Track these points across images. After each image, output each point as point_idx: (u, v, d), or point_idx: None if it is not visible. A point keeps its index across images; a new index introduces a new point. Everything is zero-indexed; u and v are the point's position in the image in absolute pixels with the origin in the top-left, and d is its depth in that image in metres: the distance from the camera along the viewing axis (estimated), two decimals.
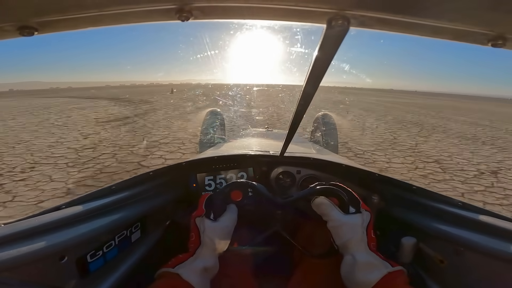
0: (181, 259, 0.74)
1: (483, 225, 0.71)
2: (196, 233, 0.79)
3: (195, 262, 0.73)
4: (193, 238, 0.79)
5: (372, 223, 0.78)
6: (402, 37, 1.82)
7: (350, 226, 0.76)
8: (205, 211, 0.81)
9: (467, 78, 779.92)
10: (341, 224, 0.76)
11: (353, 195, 0.81)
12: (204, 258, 0.75)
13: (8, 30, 0.41)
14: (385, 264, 0.69)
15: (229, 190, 0.88)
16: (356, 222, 0.76)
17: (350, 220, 0.77)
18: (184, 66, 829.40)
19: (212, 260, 0.76)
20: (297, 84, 0.78)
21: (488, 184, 4.64)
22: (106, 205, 0.79)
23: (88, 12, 0.40)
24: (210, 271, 0.75)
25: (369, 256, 0.72)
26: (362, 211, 0.79)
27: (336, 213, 0.78)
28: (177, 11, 0.40)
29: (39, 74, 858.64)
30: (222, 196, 0.86)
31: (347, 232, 0.75)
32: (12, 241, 0.55)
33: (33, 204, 3.44)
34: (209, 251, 0.76)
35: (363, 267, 0.69)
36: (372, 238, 0.76)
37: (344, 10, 0.38)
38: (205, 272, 0.73)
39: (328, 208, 0.79)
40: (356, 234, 0.74)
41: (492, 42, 0.43)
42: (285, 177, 1.31)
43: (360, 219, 0.77)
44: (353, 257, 0.72)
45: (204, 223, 0.78)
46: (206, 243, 0.76)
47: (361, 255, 0.72)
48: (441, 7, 0.37)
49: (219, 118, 3.67)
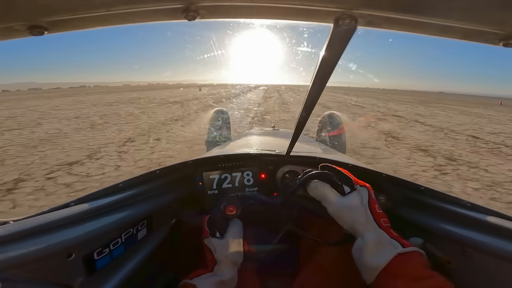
0: (200, 273, 0.78)
1: (491, 226, 0.69)
2: (209, 253, 0.82)
3: (213, 276, 0.77)
4: (209, 258, 0.81)
5: (373, 198, 0.73)
6: (411, 36, 1.79)
7: (349, 208, 0.71)
8: (209, 232, 0.83)
9: (478, 78, 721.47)
10: (340, 207, 0.73)
11: (343, 174, 0.78)
12: (222, 273, 0.78)
13: (19, 30, 0.42)
14: (394, 244, 0.64)
15: (223, 207, 0.89)
16: (353, 202, 0.71)
17: (347, 201, 0.72)
18: (191, 65, 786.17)
19: (230, 274, 0.79)
20: (303, 84, 0.79)
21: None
22: (113, 203, 0.79)
23: (96, 11, 0.40)
24: (228, 284, 0.79)
25: (379, 235, 0.66)
26: (357, 188, 0.74)
27: (333, 195, 0.75)
28: (184, 11, 0.41)
29: (35, 74, 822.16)
30: (219, 214, 0.88)
31: (348, 214, 0.71)
32: (20, 238, 0.55)
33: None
34: (226, 266, 0.79)
35: (370, 248, 0.65)
36: (379, 213, 0.70)
37: (351, 9, 0.38)
38: (222, 285, 0.77)
39: (324, 189, 0.76)
40: (359, 213, 0.70)
41: (503, 42, 0.42)
42: (291, 176, 1.30)
43: (358, 197, 0.72)
44: (362, 239, 0.68)
45: (212, 243, 0.81)
46: (221, 260, 0.79)
47: (370, 236, 0.67)
48: (450, 6, 0.36)
49: (225, 117, 3.68)
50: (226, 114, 3.78)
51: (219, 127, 3.52)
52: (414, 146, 7.09)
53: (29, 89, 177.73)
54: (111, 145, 6.51)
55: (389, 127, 10.13)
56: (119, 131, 8.28)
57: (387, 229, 0.69)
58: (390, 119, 12.91)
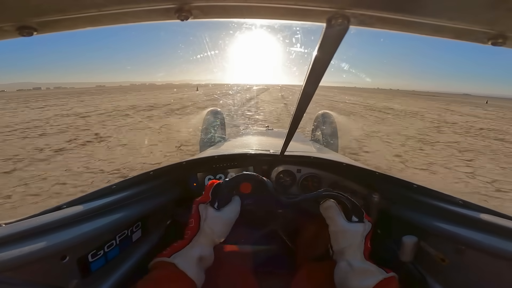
0: (177, 248, 0.72)
1: (484, 223, 0.71)
2: (196, 220, 0.77)
3: (192, 250, 0.72)
4: (192, 225, 0.77)
5: (371, 234, 0.80)
6: (403, 36, 1.80)
7: (351, 233, 0.78)
8: (210, 199, 0.79)
9: (467, 77, 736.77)
10: (343, 230, 0.78)
11: (358, 206, 0.83)
12: (201, 246, 0.73)
13: (8, 30, 0.41)
14: (380, 271, 0.71)
15: (240, 180, 0.85)
16: (357, 230, 0.78)
17: (353, 228, 0.78)
18: (184, 65, 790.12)
19: (208, 249, 0.75)
20: (297, 84, 0.79)
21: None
22: (107, 204, 0.78)
23: (87, 12, 0.40)
24: (206, 260, 0.74)
25: (364, 264, 0.74)
26: (365, 221, 0.80)
27: (341, 219, 0.80)
28: (177, 11, 0.40)
29: (32, 75, 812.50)
30: (232, 185, 0.83)
31: (347, 238, 0.77)
32: (13, 241, 0.54)
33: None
34: (206, 240, 0.75)
35: (358, 273, 0.71)
36: (367, 247, 0.78)
37: (344, 9, 0.38)
38: (201, 262, 0.72)
39: (335, 212, 0.81)
40: (355, 241, 0.77)
41: (492, 41, 0.42)
42: (285, 176, 1.31)
43: (362, 228, 0.79)
44: (348, 264, 0.74)
45: (207, 211, 0.77)
46: (205, 232, 0.75)
47: (357, 262, 0.74)
48: (441, 6, 0.37)
49: (219, 117, 3.66)
50: (221, 114, 3.76)
51: (213, 127, 3.50)
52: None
53: (34, 88, 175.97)
54: None
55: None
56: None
57: (370, 260, 0.76)
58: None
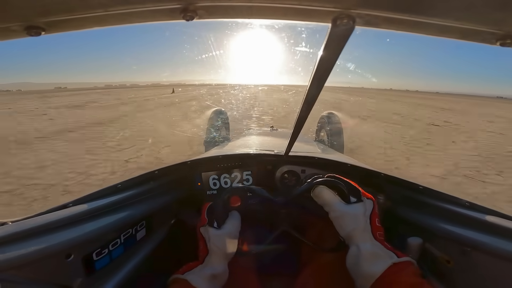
0: (191, 267, 0.77)
1: (490, 225, 0.70)
2: (202, 242, 0.81)
3: (204, 269, 0.75)
4: (201, 247, 0.80)
5: (376, 212, 0.76)
6: (409, 36, 1.78)
7: (351, 215, 0.73)
8: (207, 220, 0.82)
9: (477, 78, 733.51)
10: (342, 214, 0.74)
11: (352, 185, 0.79)
12: (213, 265, 0.76)
13: (16, 30, 0.41)
14: (390, 255, 0.67)
15: (227, 197, 0.88)
16: (357, 211, 0.74)
17: (351, 209, 0.74)
18: (190, 66, 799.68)
19: (221, 267, 0.78)
20: (302, 84, 0.80)
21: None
22: (112, 203, 0.79)
23: (93, 12, 0.40)
24: (220, 278, 0.77)
25: (374, 246, 0.69)
26: (364, 200, 0.76)
27: (337, 202, 0.77)
28: (182, 11, 0.40)
29: (30, 75, 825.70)
30: (222, 203, 0.86)
31: (349, 222, 0.73)
32: (19, 239, 0.55)
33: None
34: (217, 258, 0.78)
35: (367, 257, 0.67)
36: (377, 227, 0.73)
37: (349, 9, 0.38)
38: (214, 279, 0.75)
39: (329, 196, 0.78)
40: (358, 223, 0.72)
41: (500, 41, 0.42)
42: (290, 176, 1.30)
43: (362, 208, 0.74)
44: (357, 248, 0.70)
45: (208, 232, 0.80)
46: (214, 251, 0.78)
47: (365, 245, 0.69)
48: (448, 6, 0.36)
49: (223, 117, 3.67)
50: (225, 114, 3.77)
51: (217, 127, 3.51)
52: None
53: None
54: None
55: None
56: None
57: (382, 241, 0.72)
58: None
